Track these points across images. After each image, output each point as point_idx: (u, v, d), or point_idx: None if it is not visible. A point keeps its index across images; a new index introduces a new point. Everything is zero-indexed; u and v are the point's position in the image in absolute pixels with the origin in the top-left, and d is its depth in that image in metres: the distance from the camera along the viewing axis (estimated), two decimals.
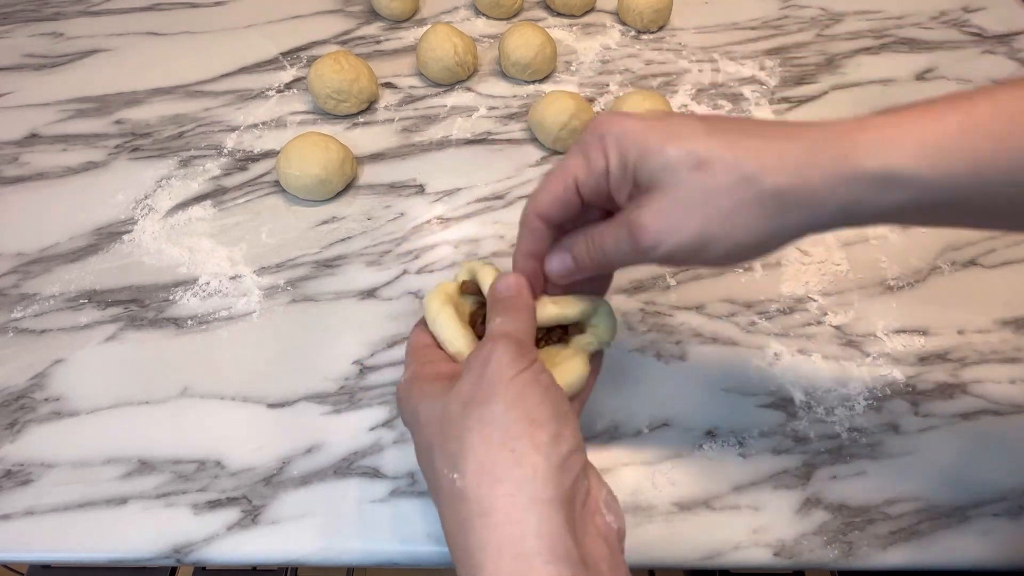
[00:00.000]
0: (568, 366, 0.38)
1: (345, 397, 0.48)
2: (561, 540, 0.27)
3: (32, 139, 0.63)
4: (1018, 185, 0.27)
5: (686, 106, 0.67)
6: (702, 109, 0.67)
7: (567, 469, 0.29)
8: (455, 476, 0.29)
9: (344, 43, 0.72)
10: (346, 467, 0.45)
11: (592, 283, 0.39)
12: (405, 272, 0.55)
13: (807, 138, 0.30)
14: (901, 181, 0.28)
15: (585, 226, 0.36)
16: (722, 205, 0.30)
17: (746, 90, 0.68)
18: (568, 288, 0.38)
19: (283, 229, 0.57)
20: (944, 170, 0.27)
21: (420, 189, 0.60)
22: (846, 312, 0.53)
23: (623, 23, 0.75)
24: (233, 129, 0.64)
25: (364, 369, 0.49)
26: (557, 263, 0.36)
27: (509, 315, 0.34)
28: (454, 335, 0.37)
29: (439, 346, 0.37)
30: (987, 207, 0.29)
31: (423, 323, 0.39)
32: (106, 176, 0.60)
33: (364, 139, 0.63)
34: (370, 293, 0.53)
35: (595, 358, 0.40)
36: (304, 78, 0.68)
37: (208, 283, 0.53)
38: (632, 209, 0.32)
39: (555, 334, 0.40)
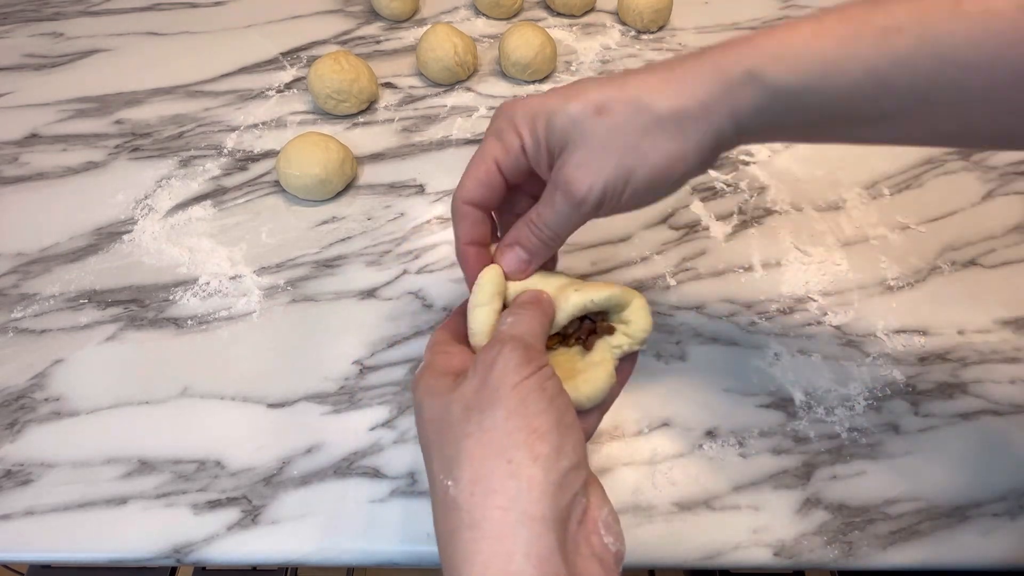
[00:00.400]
0: (591, 375, 0.35)
1: (345, 397, 0.48)
2: (551, 562, 0.26)
3: (32, 139, 0.63)
4: (861, 83, 0.29)
5: None
6: None
7: (565, 486, 0.28)
8: (449, 483, 0.29)
9: (344, 43, 0.72)
10: (346, 467, 0.45)
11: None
12: (405, 272, 0.55)
13: (687, 63, 0.32)
14: (766, 84, 0.30)
15: (514, 213, 0.37)
16: (629, 137, 0.31)
17: None
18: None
19: (283, 229, 0.57)
20: (802, 72, 0.30)
21: (420, 189, 0.60)
22: (846, 312, 0.53)
23: (623, 23, 0.75)
24: (233, 129, 0.64)
25: (364, 369, 0.49)
26: (511, 259, 0.36)
27: (521, 316, 0.34)
28: (482, 328, 0.35)
29: (466, 338, 0.36)
30: (850, 111, 0.31)
31: (459, 313, 0.37)
32: (106, 176, 0.60)
33: (364, 139, 0.63)
34: (370, 293, 0.53)
35: (626, 362, 0.38)
36: (304, 78, 0.68)
37: (208, 283, 0.53)
38: (556, 170, 0.33)
39: (582, 332, 0.37)
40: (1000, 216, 0.59)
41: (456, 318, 0.38)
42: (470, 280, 0.37)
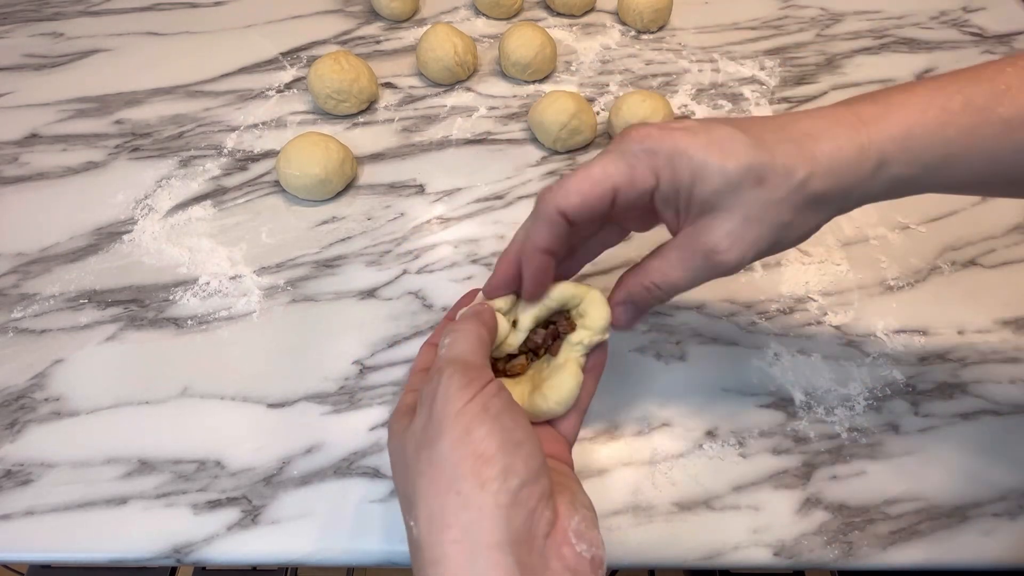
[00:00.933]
0: (556, 380, 0.35)
1: (345, 397, 0.48)
2: None
3: (32, 139, 0.63)
4: (982, 169, 0.32)
5: (686, 106, 0.67)
6: (702, 109, 0.67)
7: (518, 504, 0.28)
8: (412, 523, 0.28)
9: (344, 43, 0.72)
10: (346, 467, 0.45)
11: (560, 267, 0.38)
12: (405, 272, 0.55)
13: (828, 137, 0.32)
14: (892, 173, 0.32)
15: (599, 244, 0.37)
16: (783, 214, 0.32)
17: (746, 90, 0.68)
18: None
19: (283, 229, 0.57)
20: (926, 161, 0.31)
21: (420, 189, 0.60)
22: (846, 312, 0.53)
23: (623, 23, 0.75)
24: (233, 129, 0.64)
25: (364, 369, 0.49)
26: (621, 316, 0.36)
27: (458, 335, 0.33)
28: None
29: None
30: (961, 184, 0.33)
31: (431, 345, 0.37)
32: (106, 176, 0.60)
33: (364, 139, 0.63)
34: (370, 293, 0.53)
35: (596, 354, 0.38)
36: (304, 78, 0.68)
37: (208, 283, 0.53)
38: (700, 233, 0.33)
39: (547, 339, 0.37)
40: (1000, 216, 0.59)
41: (427, 349, 0.37)
42: (529, 285, 0.36)
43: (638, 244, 0.57)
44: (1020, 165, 0.31)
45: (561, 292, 0.36)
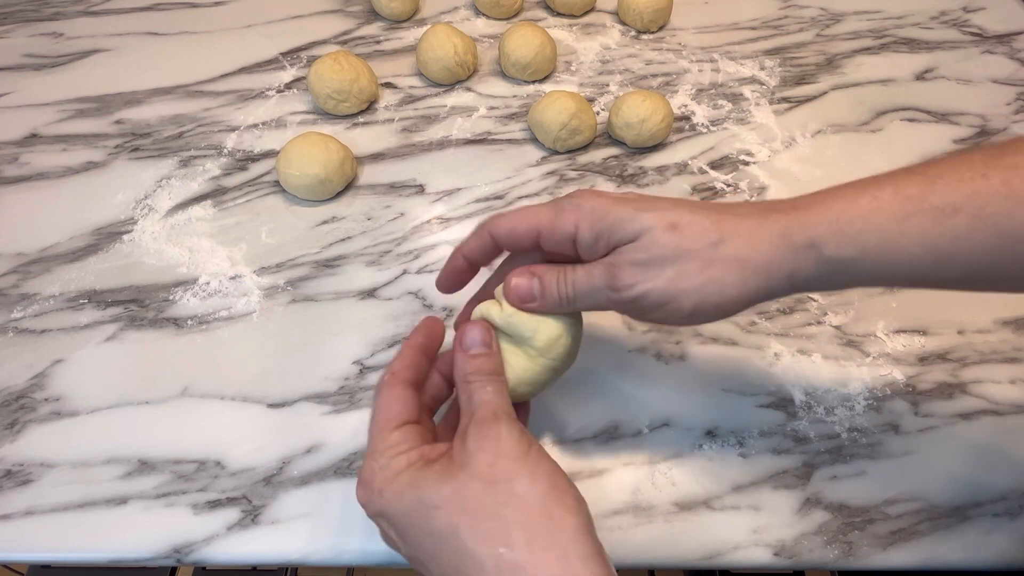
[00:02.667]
0: (542, 335, 0.37)
1: (345, 397, 0.48)
2: None
3: (32, 139, 0.63)
4: (918, 257, 0.32)
5: (686, 106, 0.67)
6: (702, 109, 0.67)
7: (592, 524, 0.32)
8: (503, 550, 0.30)
9: (344, 43, 0.72)
10: (346, 467, 0.45)
11: None
12: (405, 272, 0.55)
13: (753, 215, 0.34)
14: (825, 256, 0.32)
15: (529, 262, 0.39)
16: (693, 264, 0.33)
17: (746, 90, 0.69)
18: None
19: (283, 229, 0.57)
20: (860, 245, 0.32)
21: (420, 189, 0.60)
22: (846, 312, 0.53)
23: (623, 23, 0.75)
24: (233, 129, 0.64)
25: (364, 369, 0.49)
26: (525, 284, 0.37)
27: (498, 384, 0.35)
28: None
29: (409, 421, 0.35)
30: (896, 276, 0.33)
31: (393, 382, 0.36)
32: (106, 176, 0.60)
33: (364, 139, 0.63)
34: (370, 293, 0.53)
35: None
36: (304, 78, 0.68)
37: (208, 283, 0.53)
38: (613, 256, 0.35)
39: None
40: None
41: (393, 394, 0.36)
42: (442, 276, 0.41)
43: None
44: (963, 257, 0.31)
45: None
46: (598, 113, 0.66)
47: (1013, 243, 0.30)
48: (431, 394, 0.39)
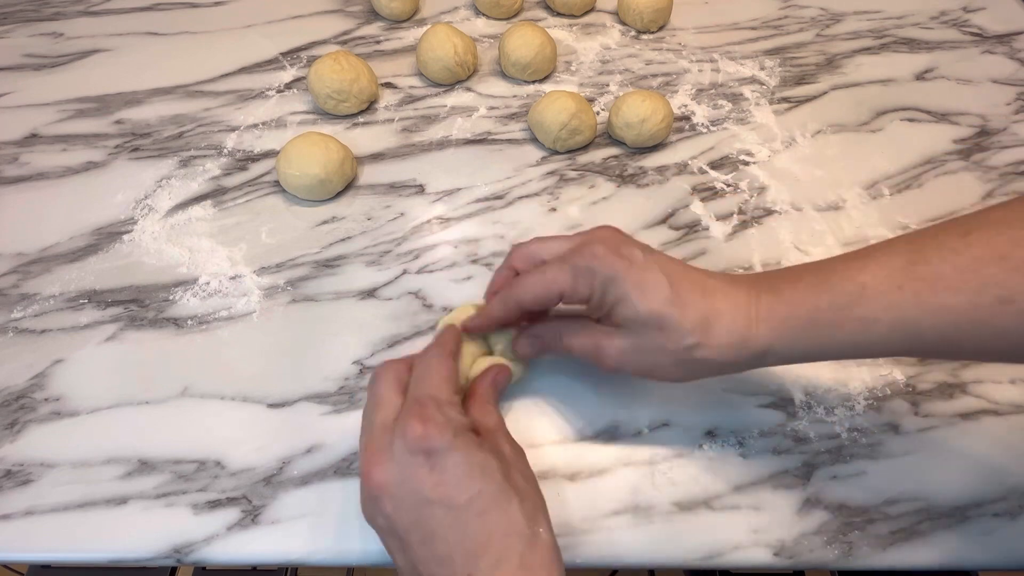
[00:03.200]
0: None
1: (345, 397, 0.48)
2: None
3: (32, 139, 0.63)
4: (849, 354, 0.38)
5: (686, 106, 0.67)
6: (702, 109, 0.67)
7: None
8: (541, 530, 0.35)
9: (344, 43, 0.72)
10: (346, 467, 0.45)
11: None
12: (405, 272, 0.55)
13: (730, 322, 0.38)
14: (775, 358, 0.39)
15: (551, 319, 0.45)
16: (668, 359, 0.39)
17: (746, 90, 0.69)
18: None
19: (283, 229, 0.57)
20: (802, 349, 0.38)
21: (420, 189, 0.60)
22: None
23: (623, 23, 0.75)
24: (233, 129, 0.64)
25: (364, 369, 0.49)
26: (529, 346, 0.44)
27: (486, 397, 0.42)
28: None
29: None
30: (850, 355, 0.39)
31: (444, 353, 0.41)
32: (106, 176, 0.60)
33: (364, 139, 0.63)
34: (370, 293, 0.53)
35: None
36: (304, 78, 0.68)
37: (208, 283, 0.53)
38: (604, 335, 0.41)
39: None
40: None
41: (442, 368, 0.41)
42: (478, 325, 0.45)
43: None
44: (885, 353, 0.38)
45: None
46: (598, 113, 0.66)
47: (921, 344, 0.35)
48: None
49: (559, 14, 0.76)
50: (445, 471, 0.34)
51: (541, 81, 0.69)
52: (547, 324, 0.44)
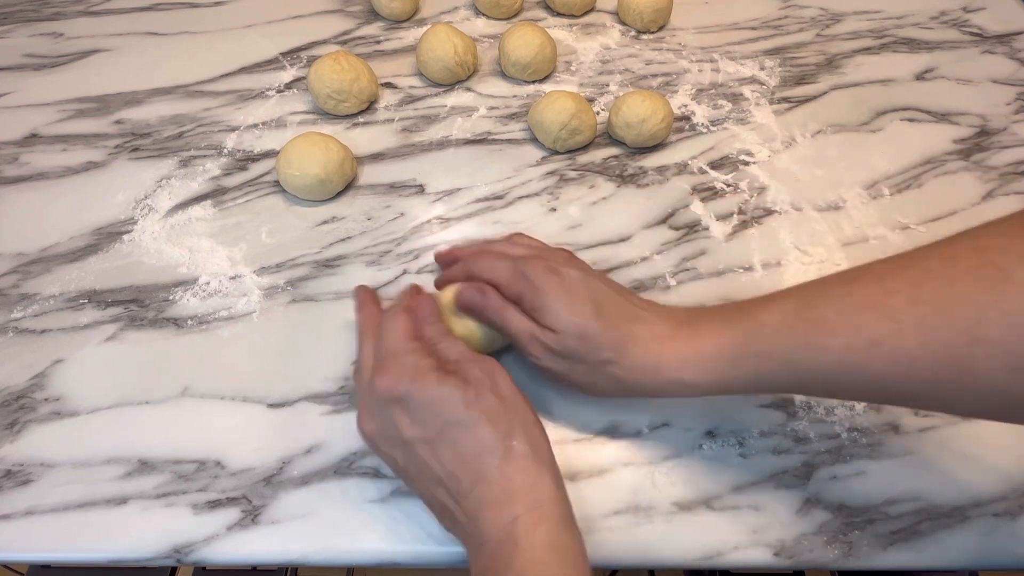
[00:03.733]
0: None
1: (345, 397, 0.48)
2: None
3: (32, 139, 0.63)
4: (746, 390, 0.40)
5: (686, 106, 0.67)
6: (702, 109, 0.67)
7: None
8: (513, 442, 0.38)
9: (344, 43, 0.72)
10: (346, 467, 0.45)
11: None
12: (405, 272, 0.55)
13: (644, 345, 0.41)
14: (686, 384, 0.40)
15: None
16: (583, 368, 0.42)
17: (746, 90, 0.69)
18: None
19: (283, 229, 0.57)
20: (706, 380, 0.40)
21: (420, 189, 0.60)
22: None
23: (623, 23, 0.75)
24: (233, 129, 0.64)
25: None
26: (471, 295, 0.45)
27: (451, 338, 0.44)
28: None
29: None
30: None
31: (397, 308, 0.43)
32: (106, 176, 0.60)
33: (364, 139, 0.63)
34: None
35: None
36: (304, 78, 0.68)
37: (208, 283, 0.53)
38: (541, 329, 0.43)
39: None
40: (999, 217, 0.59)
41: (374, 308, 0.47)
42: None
43: (639, 244, 0.57)
44: (778, 388, 0.40)
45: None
46: (598, 113, 0.66)
47: (810, 381, 0.38)
48: None
49: (559, 14, 0.76)
50: (414, 411, 0.38)
51: (541, 81, 0.69)
52: (499, 294, 0.46)
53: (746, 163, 0.63)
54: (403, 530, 0.43)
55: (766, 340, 0.38)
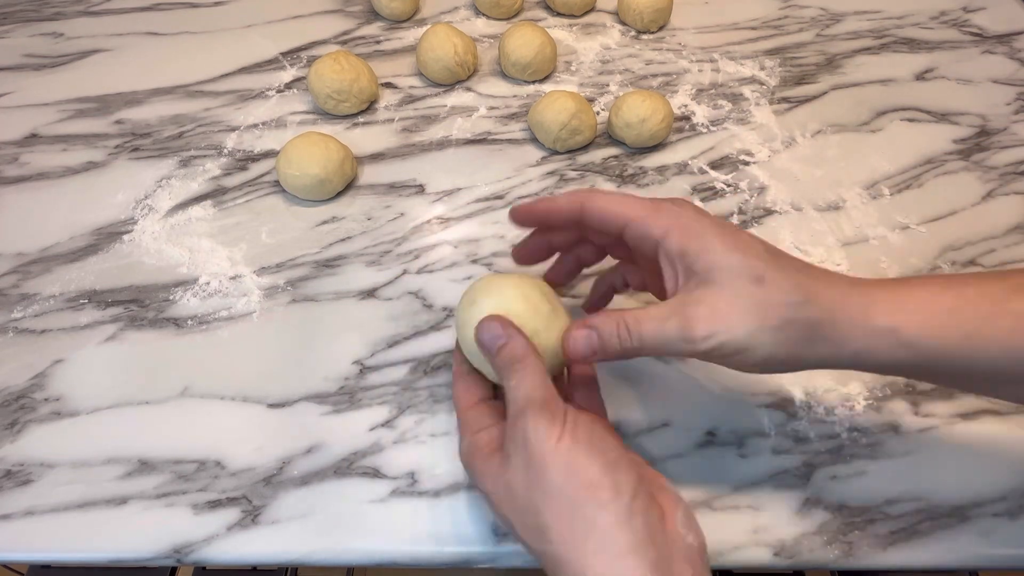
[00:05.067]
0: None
1: (345, 397, 0.48)
2: None
3: (32, 139, 0.63)
4: (997, 358, 0.32)
5: (686, 106, 0.67)
6: (702, 109, 0.67)
7: (635, 513, 0.32)
8: (545, 547, 0.32)
9: (344, 43, 0.72)
10: (346, 467, 0.45)
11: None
12: (405, 272, 0.55)
13: (838, 286, 0.34)
14: (905, 340, 0.33)
15: (576, 258, 0.42)
16: (772, 318, 0.33)
17: (746, 90, 0.69)
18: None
19: (283, 229, 0.57)
20: (943, 338, 0.33)
21: (420, 189, 0.60)
22: None
23: (623, 23, 0.75)
24: (233, 129, 0.64)
25: (364, 369, 0.49)
26: (583, 342, 0.36)
27: (522, 375, 0.35)
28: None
29: (481, 399, 0.40)
30: (972, 374, 0.34)
31: (461, 365, 0.41)
32: (106, 176, 0.60)
33: (364, 139, 0.63)
34: (370, 293, 0.53)
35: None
36: (304, 78, 0.68)
37: (208, 283, 0.53)
38: (686, 303, 0.34)
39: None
40: (1000, 216, 0.59)
41: (465, 380, 0.41)
42: (522, 252, 0.45)
43: None
44: None
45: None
46: (598, 113, 0.66)
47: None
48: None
49: (559, 14, 0.76)
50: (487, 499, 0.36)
51: (541, 81, 0.69)
52: (599, 316, 0.36)
53: (746, 163, 0.63)
54: (403, 530, 0.43)
55: None
